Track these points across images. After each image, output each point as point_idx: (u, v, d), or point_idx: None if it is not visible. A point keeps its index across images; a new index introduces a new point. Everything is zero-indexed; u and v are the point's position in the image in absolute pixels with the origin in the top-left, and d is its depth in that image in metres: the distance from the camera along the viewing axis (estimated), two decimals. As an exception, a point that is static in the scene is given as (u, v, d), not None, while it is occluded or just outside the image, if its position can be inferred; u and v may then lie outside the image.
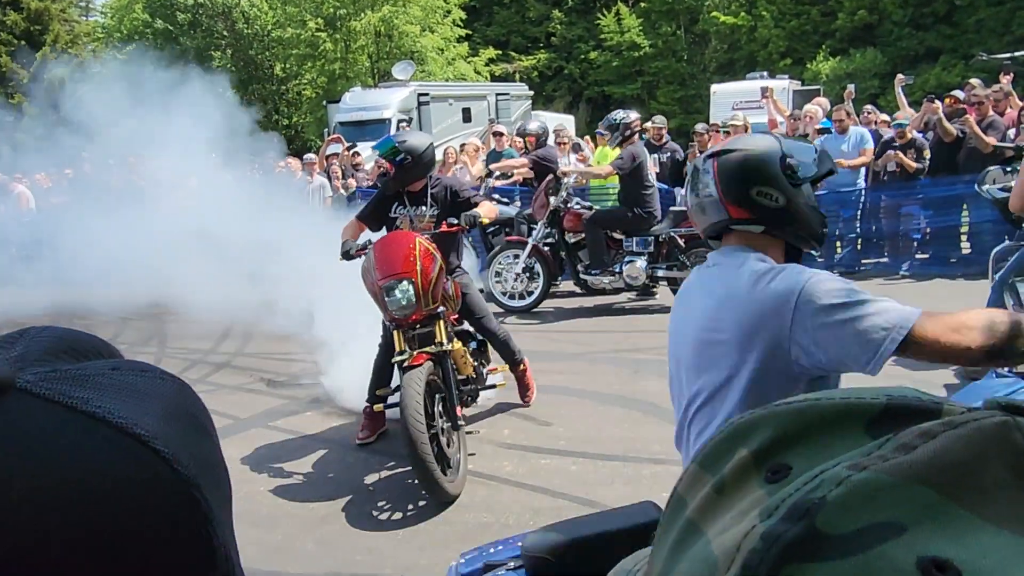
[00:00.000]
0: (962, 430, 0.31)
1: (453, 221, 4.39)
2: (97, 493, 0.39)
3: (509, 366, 4.93)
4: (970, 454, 0.30)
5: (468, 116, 17.74)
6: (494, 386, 4.88)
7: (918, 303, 1.53)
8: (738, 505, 0.32)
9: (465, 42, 25.32)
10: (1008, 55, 12.34)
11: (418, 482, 3.85)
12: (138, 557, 0.40)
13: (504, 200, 9.43)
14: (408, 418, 3.70)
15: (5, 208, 11.38)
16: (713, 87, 20.49)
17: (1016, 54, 12.16)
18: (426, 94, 16.95)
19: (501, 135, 10.50)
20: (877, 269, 8.92)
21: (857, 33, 24.35)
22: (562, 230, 7.94)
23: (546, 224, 7.89)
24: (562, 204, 7.83)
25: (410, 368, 3.94)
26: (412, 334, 4.16)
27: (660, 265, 7.65)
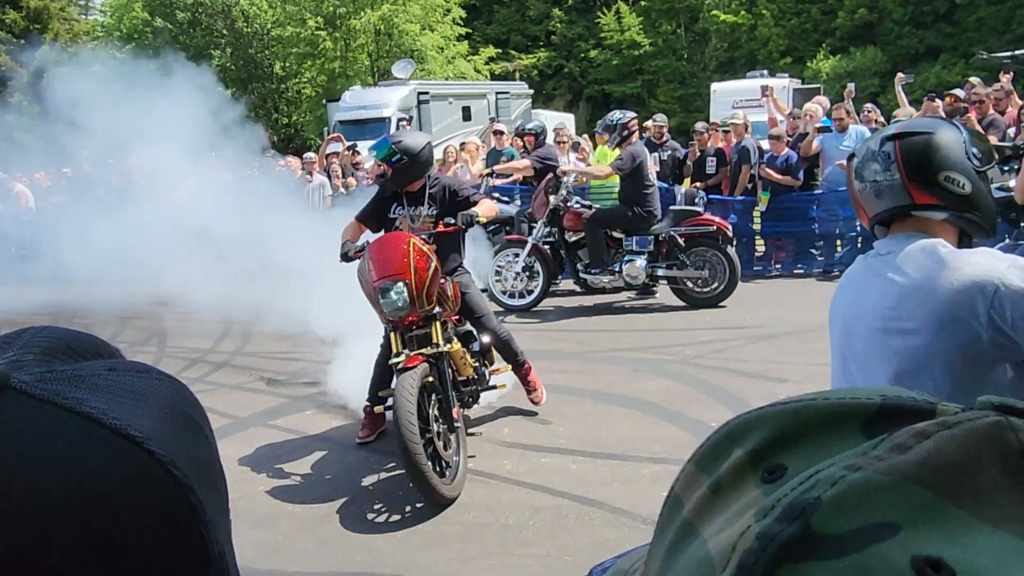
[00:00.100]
0: (956, 430, 0.31)
1: (450, 220, 4.36)
2: (91, 494, 0.39)
3: (512, 367, 4.89)
4: (964, 454, 0.31)
5: (468, 115, 17.73)
6: (495, 387, 4.84)
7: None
8: (734, 505, 0.32)
9: (465, 41, 25.30)
10: (1008, 53, 12.33)
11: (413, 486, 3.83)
12: (131, 558, 0.40)
13: (504, 199, 9.43)
14: (401, 423, 3.67)
15: (5, 207, 11.38)
16: (713, 86, 20.51)
17: (1016, 52, 12.15)
18: (426, 93, 16.93)
19: (501, 134, 10.49)
20: (877, 268, 8.92)
21: (857, 31, 24.36)
22: (562, 229, 7.94)
23: (546, 223, 7.89)
24: (562, 203, 7.83)
25: (404, 371, 3.92)
26: (410, 335, 4.15)
27: (660, 264, 7.64)
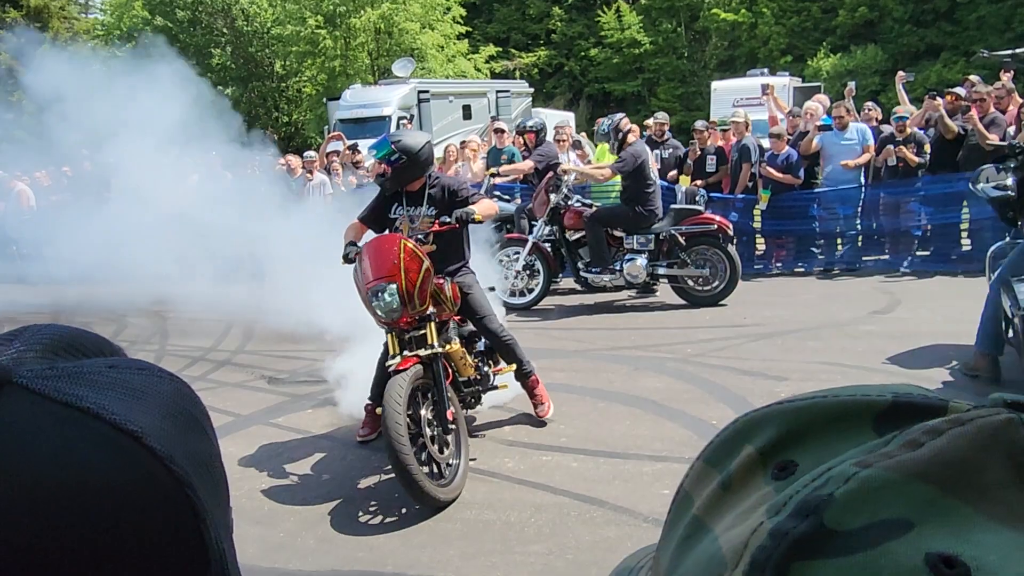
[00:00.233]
0: (968, 427, 0.31)
1: (446, 219, 4.33)
2: (90, 490, 0.39)
3: (516, 376, 4.77)
4: (976, 452, 0.30)
5: (468, 113, 17.72)
6: (496, 387, 4.80)
7: (919, 300, 1.53)
8: (745, 502, 0.32)
9: (465, 39, 25.28)
10: (1009, 52, 12.30)
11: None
12: (130, 554, 0.40)
13: (505, 197, 9.44)
14: (388, 428, 3.63)
15: (6, 206, 11.38)
16: (713, 84, 20.51)
17: (1017, 51, 12.12)
18: (426, 91, 16.91)
19: (502, 132, 10.50)
20: (878, 266, 8.92)
21: (858, 30, 24.35)
22: (563, 227, 7.94)
23: (547, 221, 7.89)
24: (563, 202, 7.83)
25: (395, 374, 3.88)
26: (408, 337, 4.13)
27: (661, 263, 7.64)
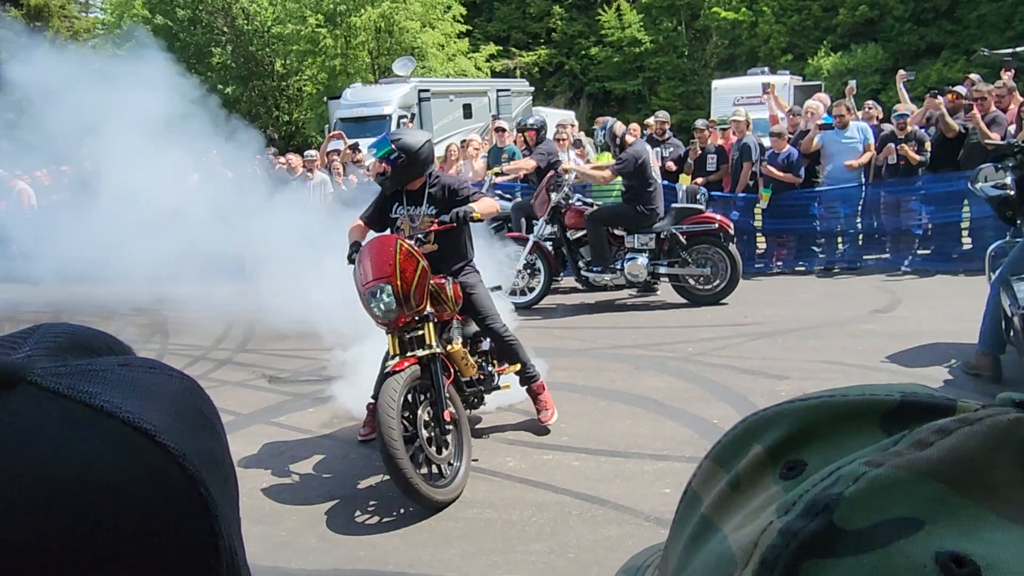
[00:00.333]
0: (977, 427, 0.31)
1: (444, 218, 4.32)
2: (103, 487, 0.39)
3: (520, 380, 4.73)
4: (985, 451, 0.31)
5: (469, 112, 17.71)
6: (499, 387, 4.76)
7: (919, 299, 1.53)
8: (753, 501, 0.32)
9: (465, 38, 25.25)
10: (1009, 50, 12.29)
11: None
12: (142, 551, 0.40)
13: (507, 196, 9.43)
14: (381, 431, 3.62)
15: (7, 205, 11.38)
16: (714, 83, 20.48)
17: (1018, 49, 12.11)
18: (427, 90, 16.90)
19: (503, 131, 10.49)
20: (878, 265, 8.92)
21: (858, 28, 24.32)
22: (563, 226, 7.94)
23: (548, 220, 7.89)
24: (563, 200, 7.83)
25: (390, 375, 3.87)
26: (408, 337, 4.12)
27: (662, 262, 7.64)
